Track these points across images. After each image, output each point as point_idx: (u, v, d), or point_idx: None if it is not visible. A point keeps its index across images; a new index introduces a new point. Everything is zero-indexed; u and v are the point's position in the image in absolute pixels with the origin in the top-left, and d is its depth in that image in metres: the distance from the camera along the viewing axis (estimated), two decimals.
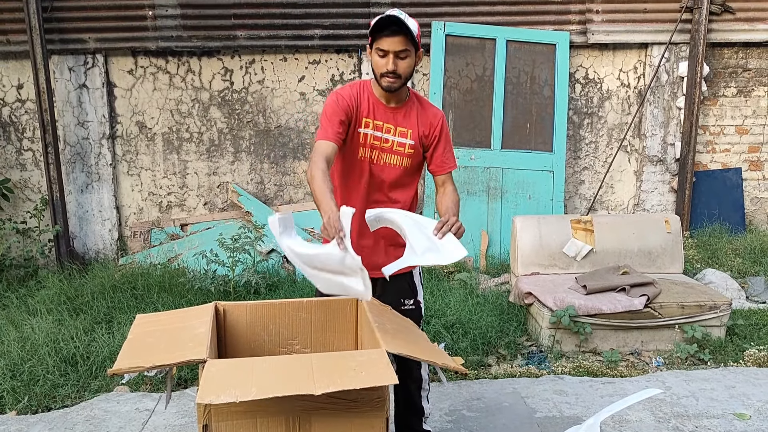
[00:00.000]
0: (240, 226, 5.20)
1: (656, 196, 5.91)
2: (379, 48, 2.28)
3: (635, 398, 2.33)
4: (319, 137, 2.32)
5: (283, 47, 5.48)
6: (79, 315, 4.25)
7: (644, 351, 4.06)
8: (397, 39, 2.25)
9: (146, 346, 1.94)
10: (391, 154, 2.46)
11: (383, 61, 2.29)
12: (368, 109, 2.41)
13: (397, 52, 2.27)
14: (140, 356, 1.85)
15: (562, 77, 5.57)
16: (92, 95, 5.44)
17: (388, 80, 2.31)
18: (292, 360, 1.86)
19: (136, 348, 1.93)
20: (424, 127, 2.47)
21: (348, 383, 1.65)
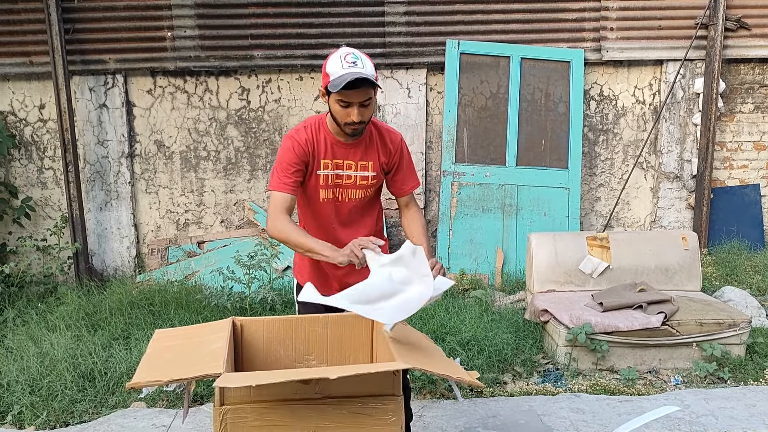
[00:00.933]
0: (256, 243, 5.23)
1: (673, 212, 5.87)
2: (342, 100, 2.19)
3: (652, 416, 2.30)
4: (273, 187, 2.30)
5: (299, 66, 5.55)
6: (98, 331, 4.29)
7: (662, 369, 4.01)
8: (362, 91, 2.18)
9: (164, 361, 1.96)
10: (354, 189, 2.44)
11: (346, 111, 2.22)
12: (325, 149, 2.35)
13: (361, 102, 2.21)
14: (158, 370, 1.88)
15: (577, 94, 5.58)
16: (112, 115, 5.53)
17: (353, 128, 2.26)
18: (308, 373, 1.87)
19: (154, 362, 1.95)
20: (384, 156, 2.45)
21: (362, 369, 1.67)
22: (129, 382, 1.80)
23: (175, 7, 5.35)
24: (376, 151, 2.43)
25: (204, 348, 2.02)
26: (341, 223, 2.47)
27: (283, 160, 2.31)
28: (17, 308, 4.74)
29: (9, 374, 3.63)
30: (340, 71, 2.16)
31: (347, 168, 2.39)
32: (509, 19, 5.57)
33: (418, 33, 5.54)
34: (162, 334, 2.22)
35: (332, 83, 2.17)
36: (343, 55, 2.20)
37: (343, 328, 2.36)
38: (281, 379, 1.61)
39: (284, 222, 2.25)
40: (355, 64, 2.18)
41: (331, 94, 2.21)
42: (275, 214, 2.28)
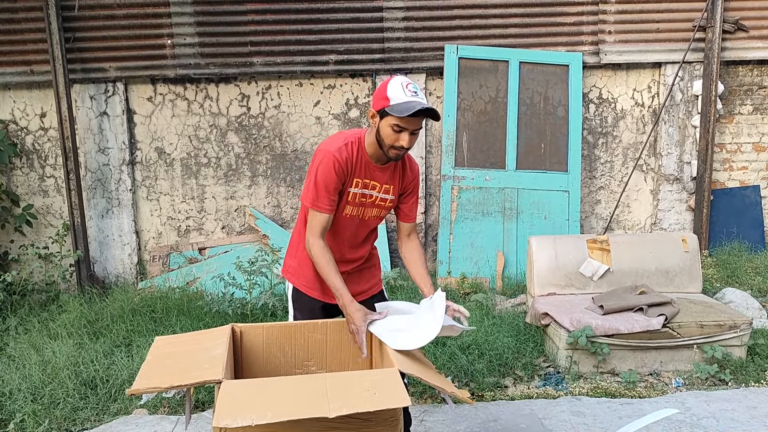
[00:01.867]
0: (257, 249, 5.25)
1: (673, 214, 5.87)
2: (398, 125, 2.26)
3: (652, 418, 2.31)
4: (317, 207, 2.37)
5: (299, 73, 5.57)
6: (99, 338, 4.31)
7: (663, 371, 4.02)
8: (420, 119, 2.28)
9: (164, 367, 1.98)
10: (373, 208, 2.52)
11: (397, 136, 2.29)
12: (360, 169, 2.43)
13: (414, 130, 2.30)
14: (158, 377, 1.89)
15: (576, 97, 5.60)
16: (113, 122, 5.56)
17: (397, 153, 2.34)
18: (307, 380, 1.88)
19: (154, 369, 1.97)
20: (405, 183, 2.56)
21: (362, 405, 1.66)
22: (129, 389, 1.82)
23: (175, 15, 5.38)
24: (399, 177, 2.54)
25: (204, 354, 2.04)
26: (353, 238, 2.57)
27: (326, 179, 2.35)
28: (19, 316, 4.75)
29: (11, 382, 3.64)
30: (404, 98, 2.24)
31: (372, 188, 2.48)
32: (507, 24, 5.59)
33: (416, 38, 5.56)
34: (162, 341, 2.24)
35: (396, 107, 2.23)
36: (405, 83, 2.28)
37: (342, 334, 2.38)
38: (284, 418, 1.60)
39: (321, 247, 2.37)
40: (416, 94, 2.27)
41: (385, 116, 2.28)
42: (316, 235, 2.39)
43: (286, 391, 1.76)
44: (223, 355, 1.99)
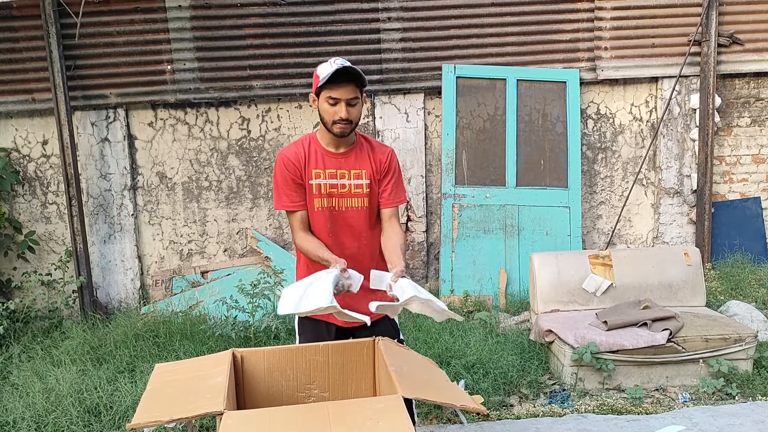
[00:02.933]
0: (260, 271, 5.25)
1: (675, 228, 5.87)
2: (331, 96, 2.36)
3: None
4: (285, 207, 2.49)
5: (298, 95, 5.61)
6: (103, 364, 4.30)
7: (669, 387, 3.99)
8: (349, 87, 2.35)
9: (165, 398, 1.97)
10: (350, 198, 2.53)
11: (334, 109, 2.37)
12: (316, 160, 2.48)
13: (348, 100, 2.37)
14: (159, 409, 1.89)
15: (574, 114, 5.62)
16: (114, 148, 5.59)
17: (341, 127, 2.40)
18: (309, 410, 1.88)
19: (155, 400, 1.97)
20: (375, 164, 2.56)
21: None
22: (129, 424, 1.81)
23: (174, 41, 5.44)
24: (368, 160, 2.55)
25: (204, 383, 2.03)
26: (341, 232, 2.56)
27: (282, 178, 2.48)
28: (22, 344, 4.74)
29: (15, 411, 3.62)
30: (329, 69, 2.33)
31: (341, 177, 2.51)
32: (504, 42, 5.63)
33: (414, 58, 5.60)
34: (163, 368, 2.23)
35: (323, 80, 2.33)
36: (333, 60, 2.38)
37: (345, 356, 2.37)
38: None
39: (304, 238, 2.49)
40: (342, 66, 2.34)
41: (320, 94, 2.39)
42: (296, 232, 2.52)
43: (287, 422, 1.76)
44: (224, 383, 1.98)
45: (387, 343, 2.36)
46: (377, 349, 2.36)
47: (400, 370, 2.09)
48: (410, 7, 5.52)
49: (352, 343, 2.39)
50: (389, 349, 2.29)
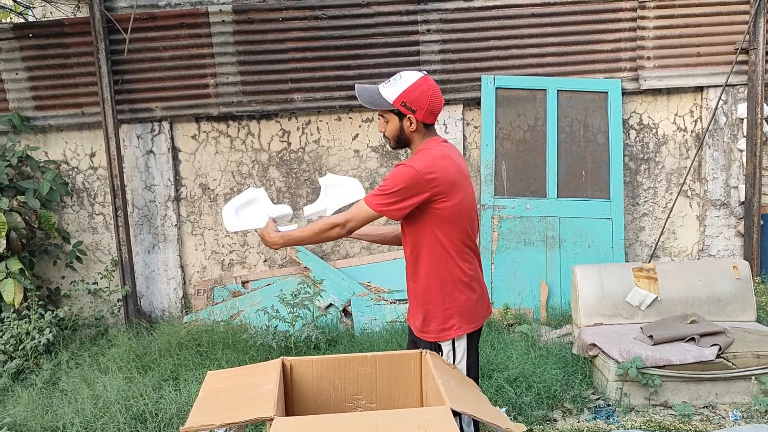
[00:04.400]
0: (299, 281, 5.30)
1: (722, 240, 5.73)
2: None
3: None
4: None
5: (338, 107, 5.67)
6: (148, 372, 4.37)
7: (719, 404, 3.88)
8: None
9: (217, 403, 2.00)
10: None
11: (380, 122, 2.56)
12: None
13: (380, 115, 2.52)
14: (211, 413, 1.91)
15: (616, 124, 5.55)
16: (158, 160, 5.72)
17: (386, 140, 2.58)
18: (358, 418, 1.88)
19: (207, 405, 2.00)
20: None
21: None
22: (183, 426, 1.85)
23: (218, 55, 5.55)
24: None
25: (255, 390, 2.06)
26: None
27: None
28: (71, 351, 4.86)
29: (65, 416, 3.72)
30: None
31: None
32: (544, 53, 5.60)
33: (453, 70, 5.61)
34: (214, 375, 2.26)
35: None
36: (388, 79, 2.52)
37: (392, 368, 2.37)
38: None
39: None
40: (387, 82, 2.48)
41: None
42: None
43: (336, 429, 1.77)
44: (274, 390, 2.00)
45: (434, 357, 2.35)
46: (424, 362, 2.35)
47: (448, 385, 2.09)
48: (450, 19, 5.54)
49: (400, 354, 2.39)
50: (437, 364, 2.28)
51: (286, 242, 2.56)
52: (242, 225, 2.67)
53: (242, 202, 2.77)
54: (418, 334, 2.53)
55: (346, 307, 5.46)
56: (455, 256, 2.45)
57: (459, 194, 2.42)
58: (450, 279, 2.45)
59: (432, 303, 2.47)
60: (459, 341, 2.47)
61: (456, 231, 2.44)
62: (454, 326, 2.44)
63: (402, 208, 2.36)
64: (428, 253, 2.46)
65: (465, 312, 2.47)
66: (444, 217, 2.41)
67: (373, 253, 5.83)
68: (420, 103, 2.41)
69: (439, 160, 2.40)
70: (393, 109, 2.43)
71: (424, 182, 2.34)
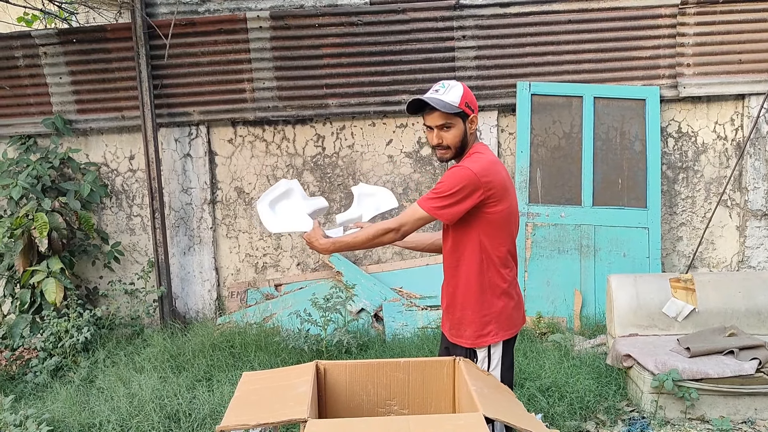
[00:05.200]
0: (331, 285, 5.32)
1: (763, 252, 5.59)
2: (425, 124, 2.52)
3: None
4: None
5: (372, 113, 5.69)
6: (182, 372, 4.44)
7: (759, 420, 3.78)
8: (435, 114, 2.44)
9: (251, 404, 2.03)
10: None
11: (430, 135, 2.52)
12: None
13: (439, 126, 2.45)
14: (246, 414, 1.94)
15: (654, 132, 5.46)
16: (195, 164, 5.82)
17: (440, 152, 2.52)
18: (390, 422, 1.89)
19: (242, 405, 2.02)
20: None
21: None
22: (219, 425, 1.87)
23: (255, 61, 5.63)
24: None
25: (289, 392, 2.08)
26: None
27: None
28: (107, 350, 4.97)
29: (101, 413, 3.80)
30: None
31: None
32: (581, 59, 5.55)
33: (488, 76, 5.59)
34: (249, 376, 2.29)
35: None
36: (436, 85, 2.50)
37: (425, 374, 2.37)
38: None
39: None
40: (436, 91, 2.46)
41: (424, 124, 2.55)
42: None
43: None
44: (308, 392, 2.02)
45: (468, 364, 2.35)
46: (457, 369, 2.35)
47: (481, 392, 2.08)
48: (485, 25, 5.53)
49: (433, 361, 2.39)
50: (470, 370, 2.28)
51: (337, 248, 2.53)
52: (284, 226, 2.65)
53: (276, 195, 2.77)
54: (453, 340, 2.52)
55: (378, 312, 5.47)
56: (497, 262, 2.45)
57: (509, 199, 2.45)
58: (489, 285, 2.45)
59: (470, 308, 2.46)
60: (495, 348, 2.46)
61: (502, 236, 2.46)
62: (491, 332, 2.43)
63: (457, 211, 2.38)
64: (470, 257, 2.46)
65: (502, 319, 2.45)
66: (492, 221, 2.42)
67: (406, 258, 5.84)
68: (474, 104, 2.51)
69: (493, 165, 2.44)
70: (460, 111, 2.43)
71: (480, 184, 2.36)
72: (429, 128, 2.50)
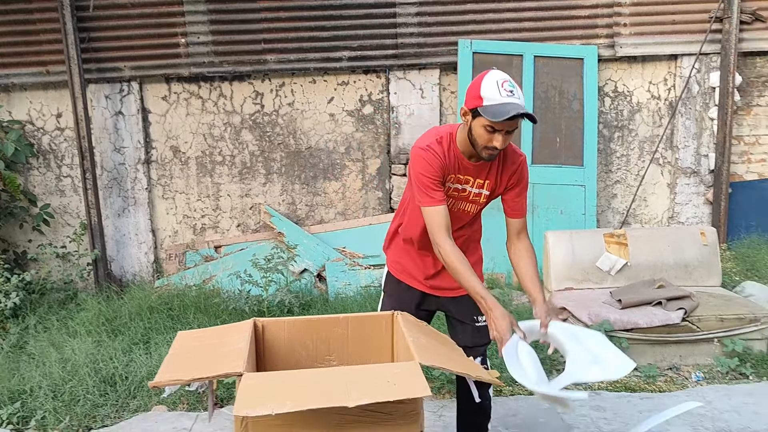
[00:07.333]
0: (273, 246, 5.26)
1: (691, 208, 5.82)
2: (491, 126, 2.15)
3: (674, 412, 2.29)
4: (429, 203, 2.28)
5: (312, 70, 5.57)
6: (118, 336, 4.34)
7: (683, 366, 3.98)
8: (514, 121, 2.16)
9: (186, 361, 1.98)
10: (466, 202, 2.45)
11: (491, 137, 2.18)
12: (454, 165, 2.35)
13: (508, 130, 2.18)
14: (181, 370, 1.90)
15: (591, 91, 5.55)
16: (128, 122, 5.59)
17: (490, 153, 2.24)
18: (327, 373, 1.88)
19: (176, 362, 1.98)
20: (504, 176, 2.41)
21: (381, 395, 1.66)
22: (152, 381, 1.83)
23: (189, 14, 5.40)
24: (497, 171, 2.41)
25: (226, 348, 2.04)
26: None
27: (427, 173, 2.29)
28: (38, 315, 4.79)
29: (32, 380, 3.67)
30: (499, 98, 2.12)
31: (465, 182, 2.40)
32: (521, 18, 5.55)
33: (430, 33, 5.54)
34: (184, 335, 2.25)
35: (489, 110, 2.13)
36: (501, 81, 2.15)
37: (364, 329, 2.38)
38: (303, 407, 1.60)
39: (452, 248, 2.27)
40: (512, 94, 2.14)
41: (478, 116, 2.18)
42: (444, 234, 2.28)
43: (306, 383, 1.77)
44: (245, 349, 1.99)
45: (405, 317, 2.36)
46: (396, 323, 2.36)
47: (418, 341, 2.10)
48: None
49: (371, 316, 2.40)
50: (408, 322, 2.29)
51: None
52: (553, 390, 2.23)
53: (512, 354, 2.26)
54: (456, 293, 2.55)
55: (321, 272, 5.45)
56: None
57: None
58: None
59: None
60: None
61: None
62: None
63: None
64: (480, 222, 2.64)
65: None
66: None
67: (349, 218, 5.81)
68: None
69: None
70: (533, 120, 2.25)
71: None
72: (494, 130, 2.16)
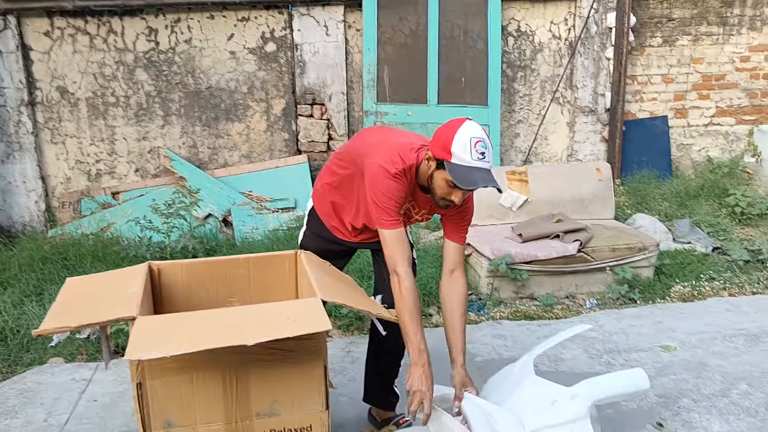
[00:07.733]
0: (174, 191, 5.07)
1: (588, 146, 6.06)
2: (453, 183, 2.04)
3: (567, 334, 2.41)
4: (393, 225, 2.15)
5: (210, 4, 5.28)
6: (7, 289, 4.08)
7: (578, 294, 4.22)
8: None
9: (75, 307, 1.88)
10: (415, 221, 2.45)
11: (450, 191, 2.09)
12: (411, 194, 2.28)
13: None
14: (68, 317, 1.80)
15: (495, 30, 5.59)
16: (6, 60, 5.12)
17: (446, 203, 2.16)
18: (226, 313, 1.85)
19: (64, 309, 1.88)
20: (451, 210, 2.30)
21: (281, 332, 1.64)
22: (36, 330, 1.73)
23: None
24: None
25: (118, 293, 1.95)
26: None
27: (394, 198, 2.15)
28: None
29: None
30: (469, 161, 2.02)
31: (415, 211, 2.36)
32: None
33: None
34: (73, 281, 2.13)
35: (456, 171, 2.02)
36: (474, 140, 2.03)
37: (266, 269, 2.34)
38: (200, 347, 1.55)
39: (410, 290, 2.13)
40: (483, 157, 2.03)
41: (442, 169, 2.07)
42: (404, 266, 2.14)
43: (203, 324, 1.73)
44: (138, 293, 1.91)
45: (309, 256, 2.34)
46: (299, 262, 2.33)
47: (321, 279, 2.09)
48: None
49: (273, 255, 2.36)
50: (311, 262, 2.27)
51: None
52: None
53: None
54: None
55: (226, 216, 5.32)
56: None
57: None
58: None
59: None
60: None
61: None
62: None
63: None
64: None
65: None
66: None
67: (254, 161, 5.66)
68: None
69: None
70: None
71: None
72: (455, 186, 2.06)
